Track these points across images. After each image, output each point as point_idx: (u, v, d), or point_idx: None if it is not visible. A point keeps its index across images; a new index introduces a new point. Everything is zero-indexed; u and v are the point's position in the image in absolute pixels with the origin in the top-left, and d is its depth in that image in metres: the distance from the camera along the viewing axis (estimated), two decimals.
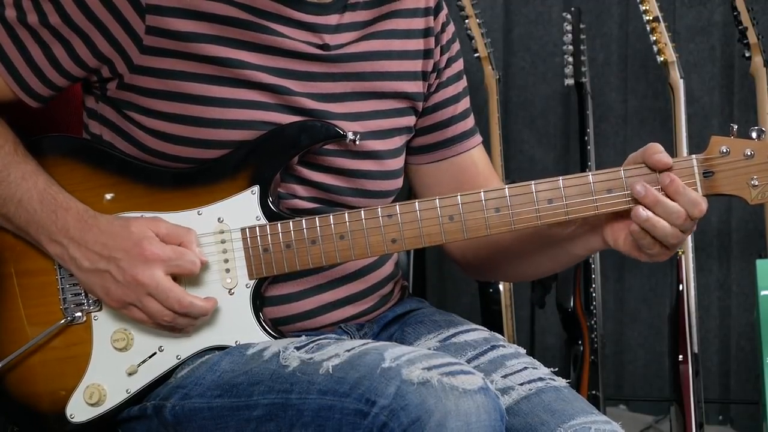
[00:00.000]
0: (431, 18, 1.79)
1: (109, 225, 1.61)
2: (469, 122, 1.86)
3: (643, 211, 1.56)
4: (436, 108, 1.81)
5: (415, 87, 1.77)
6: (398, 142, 1.77)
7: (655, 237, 1.56)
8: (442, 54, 1.81)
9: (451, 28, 1.84)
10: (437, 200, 1.60)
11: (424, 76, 1.79)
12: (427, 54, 1.79)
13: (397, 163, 1.77)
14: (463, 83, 1.85)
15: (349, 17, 1.71)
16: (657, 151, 1.57)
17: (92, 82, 1.68)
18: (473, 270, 1.88)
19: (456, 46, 1.84)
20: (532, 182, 1.59)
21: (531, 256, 1.75)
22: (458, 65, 1.84)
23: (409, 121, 1.78)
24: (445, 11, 1.82)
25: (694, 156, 1.58)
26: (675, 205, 1.55)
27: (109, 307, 1.63)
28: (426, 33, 1.79)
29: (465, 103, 1.85)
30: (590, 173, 1.59)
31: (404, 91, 1.76)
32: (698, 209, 1.56)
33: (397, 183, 1.78)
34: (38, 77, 1.64)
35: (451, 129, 1.83)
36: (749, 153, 1.57)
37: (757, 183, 1.57)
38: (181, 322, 1.60)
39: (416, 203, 1.61)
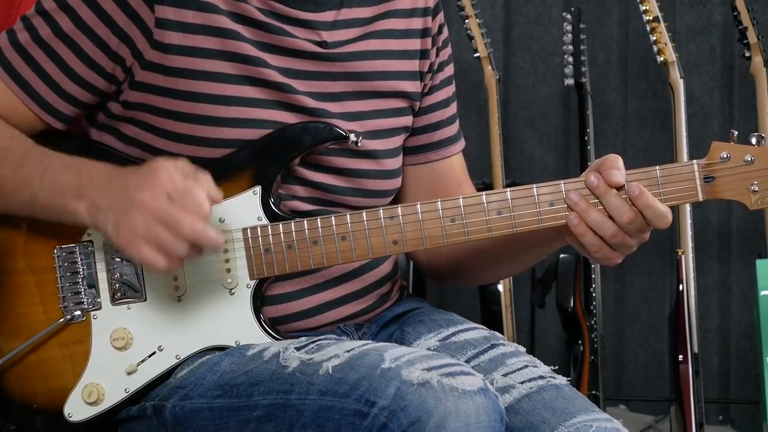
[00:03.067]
0: (429, 18, 1.80)
1: (135, 173, 1.54)
2: (455, 128, 1.86)
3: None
4: (426, 110, 1.81)
5: (414, 87, 1.78)
6: (397, 141, 1.77)
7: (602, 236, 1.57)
8: (437, 56, 1.81)
9: (446, 32, 1.84)
10: (439, 202, 1.60)
11: (420, 76, 1.79)
12: (423, 54, 1.79)
13: (396, 162, 1.77)
14: (452, 88, 1.86)
15: (345, 14, 1.71)
16: (613, 167, 1.57)
17: (110, 91, 1.65)
18: (435, 274, 1.88)
19: (449, 51, 1.85)
20: (534, 185, 1.60)
21: (500, 259, 1.76)
22: (450, 69, 1.85)
23: (408, 120, 1.78)
24: (442, 13, 1.83)
25: (695, 161, 1.59)
26: (622, 206, 1.56)
27: (118, 247, 1.56)
28: (424, 33, 1.79)
29: (453, 108, 1.86)
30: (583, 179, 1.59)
31: (403, 91, 1.76)
32: (663, 221, 1.57)
33: (396, 182, 1.78)
34: (56, 92, 1.64)
35: (438, 133, 1.83)
36: (749, 159, 1.58)
37: (757, 188, 1.58)
38: (194, 252, 1.53)
39: (418, 205, 1.61)
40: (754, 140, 1.59)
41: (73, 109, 1.67)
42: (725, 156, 1.58)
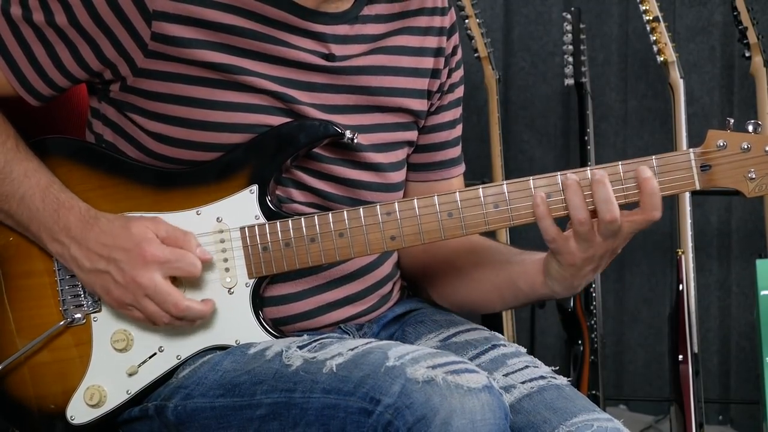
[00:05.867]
0: (444, 38, 1.79)
1: (110, 225, 1.61)
2: (458, 150, 1.86)
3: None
4: (431, 130, 1.81)
5: (420, 105, 1.77)
6: (400, 155, 1.77)
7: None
8: (448, 77, 1.81)
9: (460, 53, 1.84)
10: (435, 197, 1.60)
11: (428, 95, 1.78)
12: (434, 74, 1.78)
13: (399, 175, 1.77)
14: (460, 110, 1.86)
15: (358, 29, 1.70)
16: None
17: (95, 83, 1.68)
18: (417, 286, 1.86)
19: (461, 73, 1.84)
20: (530, 178, 1.60)
21: (474, 277, 1.75)
22: (460, 91, 1.84)
23: (412, 135, 1.78)
24: (457, 35, 1.82)
25: (691, 150, 1.58)
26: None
27: (109, 306, 1.63)
28: (437, 52, 1.78)
29: (458, 131, 1.85)
30: (587, 168, 1.59)
31: (409, 108, 1.75)
32: (656, 198, 1.54)
33: (398, 195, 1.77)
34: (40, 76, 1.64)
35: (441, 153, 1.83)
36: (746, 146, 1.58)
37: (754, 176, 1.58)
38: (178, 324, 1.61)
39: (415, 200, 1.61)
40: (750, 128, 1.58)
41: (51, 92, 1.66)
42: (722, 144, 1.58)
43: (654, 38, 2.87)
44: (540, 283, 1.66)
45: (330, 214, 1.61)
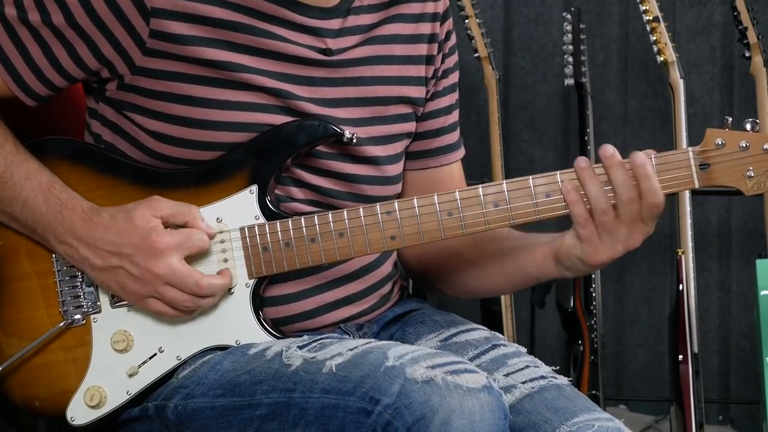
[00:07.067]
0: (438, 24, 1.79)
1: (113, 221, 1.60)
2: (456, 135, 1.86)
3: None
4: (428, 116, 1.81)
5: (418, 92, 1.77)
6: (398, 147, 1.77)
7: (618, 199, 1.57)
8: (442, 62, 1.81)
9: (453, 38, 1.83)
10: (435, 196, 1.60)
11: (425, 81, 1.78)
12: (429, 60, 1.78)
13: (396, 168, 1.77)
14: (456, 95, 1.85)
15: (352, 21, 1.71)
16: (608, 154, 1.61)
17: (91, 82, 1.68)
18: (423, 278, 1.87)
19: (455, 58, 1.84)
20: (530, 177, 1.60)
21: (483, 267, 1.76)
22: (454, 77, 1.84)
23: (411, 126, 1.78)
24: (450, 20, 1.82)
25: (690, 148, 1.59)
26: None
27: (127, 300, 1.63)
28: (431, 39, 1.78)
29: (455, 116, 1.85)
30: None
31: (407, 96, 1.76)
32: (655, 196, 1.58)
33: (396, 188, 1.77)
34: (37, 76, 1.64)
35: (438, 140, 1.83)
36: (744, 145, 1.59)
37: (752, 174, 1.59)
38: (201, 303, 1.60)
39: (415, 200, 1.61)
40: (748, 126, 1.60)
41: (48, 92, 1.66)
42: (720, 143, 1.59)
43: (654, 38, 2.86)
44: (550, 269, 1.67)
45: (330, 214, 1.61)
